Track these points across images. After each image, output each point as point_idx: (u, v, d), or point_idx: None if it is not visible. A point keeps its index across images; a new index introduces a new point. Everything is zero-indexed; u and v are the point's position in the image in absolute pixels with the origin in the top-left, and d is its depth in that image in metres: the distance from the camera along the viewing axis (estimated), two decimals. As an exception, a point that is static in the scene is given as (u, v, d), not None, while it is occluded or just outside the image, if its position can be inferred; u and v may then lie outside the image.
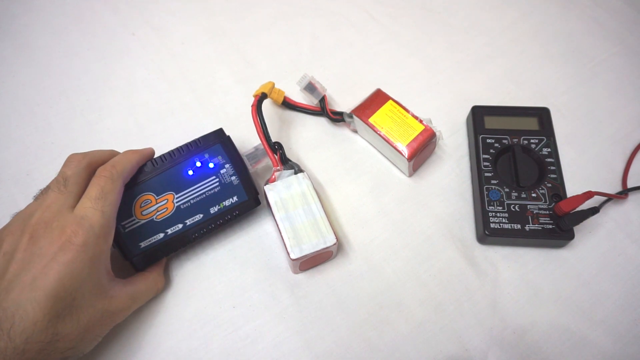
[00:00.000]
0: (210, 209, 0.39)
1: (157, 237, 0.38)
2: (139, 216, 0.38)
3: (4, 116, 0.50)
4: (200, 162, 0.40)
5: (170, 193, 0.39)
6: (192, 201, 0.39)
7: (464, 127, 0.49)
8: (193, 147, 0.40)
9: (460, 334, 0.39)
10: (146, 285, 0.38)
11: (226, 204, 0.40)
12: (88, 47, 0.55)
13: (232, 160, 0.40)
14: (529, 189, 0.42)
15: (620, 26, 0.56)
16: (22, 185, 0.45)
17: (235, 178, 0.40)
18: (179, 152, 0.40)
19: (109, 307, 0.33)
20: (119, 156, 0.37)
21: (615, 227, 0.43)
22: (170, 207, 0.39)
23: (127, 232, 0.38)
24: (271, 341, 0.38)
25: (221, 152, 0.40)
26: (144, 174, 0.38)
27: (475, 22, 0.56)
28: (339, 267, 0.41)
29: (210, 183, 0.39)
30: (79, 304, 0.31)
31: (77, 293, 0.30)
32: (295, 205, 0.39)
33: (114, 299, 0.34)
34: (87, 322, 0.31)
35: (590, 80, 0.52)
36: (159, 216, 0.38)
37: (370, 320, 0.39)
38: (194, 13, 0.58)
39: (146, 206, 0.38)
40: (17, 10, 0.58)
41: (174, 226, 0.39)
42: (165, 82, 0.53)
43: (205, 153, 0.40)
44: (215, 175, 0.40)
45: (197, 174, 0.39)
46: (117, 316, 0.35)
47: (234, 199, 0.40)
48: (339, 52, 0.55)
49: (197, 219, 0.39)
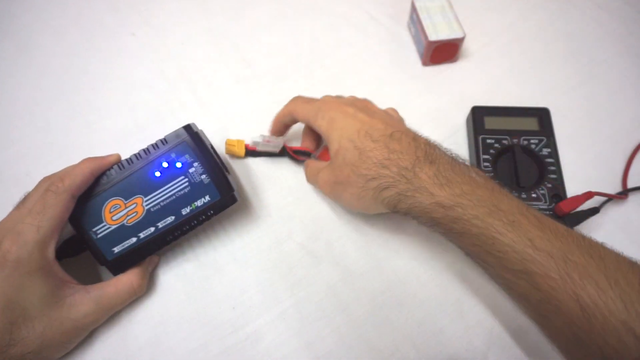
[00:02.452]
0: (182, 210, 0.38)
1: (130, 242, 0.37)
2: (110, 221, 0.37)
3: (3, 116, 0.50)
4: (167, 162, 0.37)
5: (139, 196, 0.37)
6: (161, 203, 0.37)
7: (464, 128, 0.49)
8: (159, 146, 0.38)
9: (460, 334, 0.39)
10: (116, 288, 0.37)
11: (198, 204, 0.38)
12: (88, 47, 0.55)
13: (200, 158, 0.38)
14: (529, 189, 0.42)
15: (621, 26, 0.56)
16: (22, 185, 0.45)
17: (206, 177, 0.38)
18: (145, 153, 0.38)
19: (69, 314, 0.35)
20: (71, 167, 0.37)
21: (616, 228, 0.43)
22: (140, 210, 0.37)
23: (100, 237, 0.37)
24: (271, 342, 0.38)
25: (188, 151, 0.38)
26: (110, 178, 0.37)
27: (475, 22, 0.56)
28: (339, 267, 0.41)
29: (179, 184, 0.38)
30: (31, 314, 0.33)
31: (26, 303, 0.33)
32: None
33: (73, 306, 0.35)
34: (44, 329, 0.33)
35: (590, 81, 0.52)
36: (130, 220, 0.37)
37: (370, 320, 0.39)
38: (194, 13, 0.58)
39: (116, 211, 0.37)
40: (17, 10, 0.58)
41: (146, 230, 0.37)
42: (165, 82, 0.53)
43: (172, 152, 0.38)
44: (184, 175, 0.38)
45: (165, 175, 0.37)
46: (82, 322, 0.36)
47: (206, 198, 0.38)
48: (339, 52, 0.55)
49: (169, 221, 0.38)
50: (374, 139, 0.35)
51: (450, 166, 0.33)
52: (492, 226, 0.31)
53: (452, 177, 0.32)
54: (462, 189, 0.32)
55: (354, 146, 0.35)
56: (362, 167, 0.35)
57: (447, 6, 0.52)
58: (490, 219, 0.31)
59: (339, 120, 0.37)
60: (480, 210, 0.31)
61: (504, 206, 0.31)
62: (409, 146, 0.34)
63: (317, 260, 0.42)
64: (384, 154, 0.34)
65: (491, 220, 0.31)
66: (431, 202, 0.32)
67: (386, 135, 0.35)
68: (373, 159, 0.34)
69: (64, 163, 0.47)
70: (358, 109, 0.38)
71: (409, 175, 0.33)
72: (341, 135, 0.37)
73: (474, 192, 0.32)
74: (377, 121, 0.36)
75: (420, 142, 0.35)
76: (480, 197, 0.31)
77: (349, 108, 0.38)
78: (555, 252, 0.29)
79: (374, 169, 0.34)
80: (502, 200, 0.32)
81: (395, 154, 0.34)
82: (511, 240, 0.30)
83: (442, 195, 0.32)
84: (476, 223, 0.31)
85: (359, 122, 0.36)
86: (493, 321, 0.39)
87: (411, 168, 0.33)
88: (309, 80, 0.53)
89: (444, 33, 0.50)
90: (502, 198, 0.32)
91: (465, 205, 0.31)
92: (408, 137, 0.35)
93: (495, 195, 0.32)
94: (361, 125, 0.36)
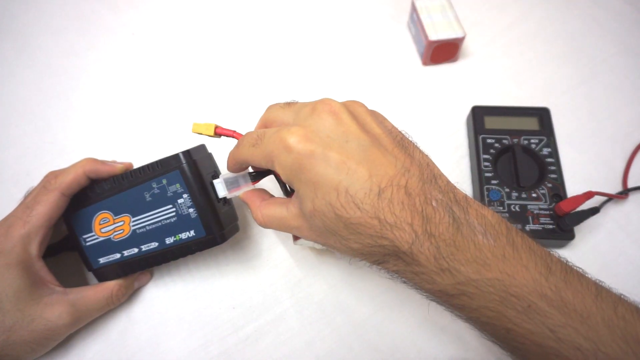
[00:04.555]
0: (166, 239, 0.36)
1: (114, 257, 0.38)
2: (98, 233, 0.37)
3: (4, 116, 0.50)
4: (157, 188, 0.36)
5: (127, 215, 0.37)
6: (147, 227, 0.36)
7: (464, 127, 0.49)
8: (152, 169, 0.36)
9: (461, 334, 0.39)
10: (95, 293, 0.37)
11: (182, 237, 0.36)
12: (88, 47, 0.55)
13: (191, 190, 0.35)
14: (529, 189, 0.42)
15: (620, 26, 0.56)
16: (22, 185, 0.45)
17: (193, 211, 0.35)
18: (139, 173, 0.36)
19: (43, 313, 0.34)
20: (68, 167, 0.37)
21: (616, 227, 0.43)
22: (126, 229, 0.37)
23: (88, 245, 0.38)
24: (271, 342, 0.38)
25: (179, 180, 0.35)
26: (105, 190, 0.37)
27: (476, 22, 0.56)
28: (339, 266, 0.41)
29: (166, 211, 0.36)
30: (3, 306, 0.33)
31: (0, 295, 0.33)
32: None
33: (48, 306, 0.35)
34: (13, 324, 0.33)
35: (590, 81, 0.52)
36: (116, 236, 0.37)
37: (370, 320, 0.39)
38: (194, 13, 0.58)
39: (105, 224, 0.37)
40: (17, 10, 0.58)
41: (130, 249, 0.37)
42: (165, 82, 0.53)
43: (163, 178, 0.35)
44: (172, 205, 0.36)
45: (154, 199, 0.36)
46: (55, 324, 0.35)
47: (191, 233, 0.36)
48: (339, 52, 0.55)
49: (152, 246, 0.37)
50: (358, 203, 0.27)
51: (453, 237, 0.26)
52: (504, 316, 0.26)
53: (455, 256, 0.26)
54: (468, 273, 0.26)
55: (335, 215, 0.27)
56: (350, 242, 0.28)
57: (448, 6, 0.52)
58: (502, 307, 0.26)
59: (307, 169, 0.28)
60: (489, 298, 0.26)
61: (519, 282, 0.26)
62: (402, 211, 0.26)
63: (317, 260, 0.42)
64: (374, 227, 0.27)
65: (503, 309, 0.26)
66: (433, 288, 0.28)
67: (374, 194, 0.27)
68: (363, 233, 0.27)
69: (64, 163, 0.47)
70: (332, 142, 0.28)
71: (407, 259, 0.27)
72: (315, 195, 0.28)
73: (481, 274, 0.26)
74: (362, 168, 0.27)
75: (414, 194, 0.27)
76: (489, 280, 0.26)
77: (317, 146, 0.27)
78: (583, 344, 0.24)
79: (366, 245, 0.28)
80: (517, 271, 0.26)
81: (387, 227, 0.26)
82: (529, 332, 0.25)
83: (445, 283, 0.27)
84: (485, 312, 0.27)
85: (334, 171, 0.27)
86: (493, 321, 0.39)
87: (408, 250, 0.26)
88: (310, 80, 0.53)
89: (444, 33, 0.50)
90: (517, 267, 0.26)
91: (472, 294, 0.26)
92: (400, 192, 0.27)
93: (507, 265, 0.26)
94: (339, 179, 0.27)
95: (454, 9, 0.52)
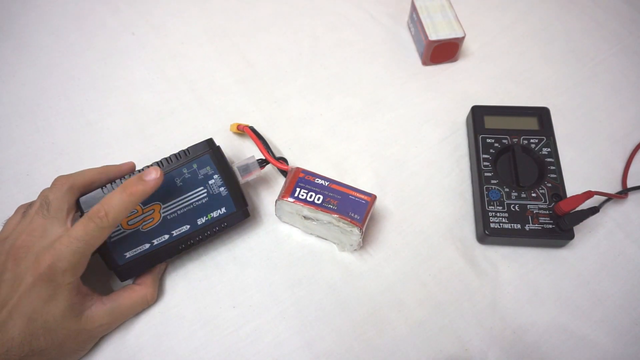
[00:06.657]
0: (198, 220, 0.38)
1: (143, 248, 0.38)
2: (125, 226, 0.38)
3: (4, 116, 0.50)
4: (188, 173, 0.39)
5: (157, 203, 0.38)
6: (179, 212, 0.38)
7: (463, 127, 0.49)
8: (181, 157, 0.39)
9: (460, 334, 0.39)
10: (131, 300, 0.38)
11: (214, 215, 0.39)
12: (88, 47, 0.55)
13: (220, 171, 0.39)
14: (529, 189, 0.42)
15: (620, 26, 0.56)
16: (22, 186, 0.45)
17: (224, 189, 0.39)
18: (167, 162, 0.39)
19: (85, 326, 0.35)
20: (116, 200, 0.34)
21: (615, 227, 0.43)
22: (156, 217, 0.38)
23: (113, 241, 0.37)
24: (271, 341, 0.38)
25: (209, 163, 0.39)
26: None
27: (475, 22, 0.56)
28: (339, 266, 0.41)
29: (197, 194, 0.39)
30: (51, 326, 0.33)
31: (48, 316, 0.33)
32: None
33: (89, 318, 0.35)
34: (63, 340, 0.34)
35: (589, 80, 0.52)
36: (145, 226, 0.38)
37: (370, 320, 0.39)
38: (194, 13, 0.58)
39: (132, 216, 0.38)
40: (17, 10, 0.58)
41: (160, 237, 0.38)
42: (165, 82, 0.53)
43: (194, 163, 0.39)
44: (203, 186, 0.39)
45: (185, 184, 0.39)
46: (96, 332, 0.36)
47: (222, 210, 0.39)
48: (339, 52, 0.55)
49: (184, 230, 0.38)
50: None
51: None
52: None
53: None
54: None
55: None
56: None
57: (447, 5, 0.52)
58: None
59: None
60: None
61: None
62: None
63: (317, 260, 0.42)
64: None
65: None
66: None
67: None
68: None
69: (64, 163, 0.47)
70: None
71: None
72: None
73: None
74: None
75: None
76: None
77: None
78: None
79: None
80: None
81: None
82: None
83: None
84: None
85: None
86: (493, 321, 0.39)
87: None
88: (309, 80, 0.53)
89: (444, 32, 0.50)
90: None
91: None
92: None
93: None
94: None
95: (454, 9, 0.52)
